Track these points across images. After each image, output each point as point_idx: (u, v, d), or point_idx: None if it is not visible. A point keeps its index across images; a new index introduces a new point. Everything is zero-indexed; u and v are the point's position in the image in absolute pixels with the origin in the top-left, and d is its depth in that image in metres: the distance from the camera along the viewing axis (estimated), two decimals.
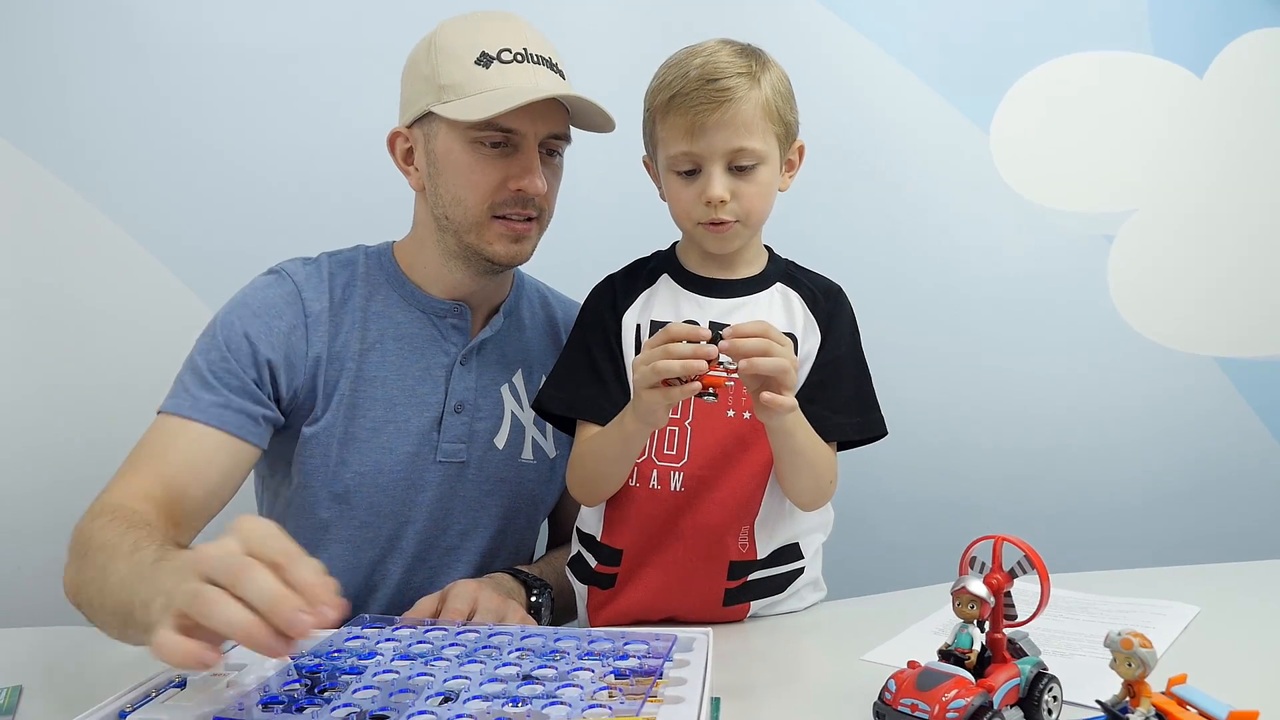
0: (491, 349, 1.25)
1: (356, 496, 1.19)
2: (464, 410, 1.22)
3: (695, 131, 1.03)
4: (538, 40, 1.16)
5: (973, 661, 0.78)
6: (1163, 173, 1.72)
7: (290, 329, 1.16)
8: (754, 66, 1.05)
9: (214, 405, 1.10)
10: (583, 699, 0.78)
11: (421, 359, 1.21)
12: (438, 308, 1.22)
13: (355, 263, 1.24)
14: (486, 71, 1.12)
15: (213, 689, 0.83)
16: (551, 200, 1.21)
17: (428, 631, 0.95)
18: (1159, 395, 1.73)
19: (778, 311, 1.12)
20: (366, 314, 1.20)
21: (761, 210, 1.09)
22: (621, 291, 1.15)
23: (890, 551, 1.59)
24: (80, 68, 1.50)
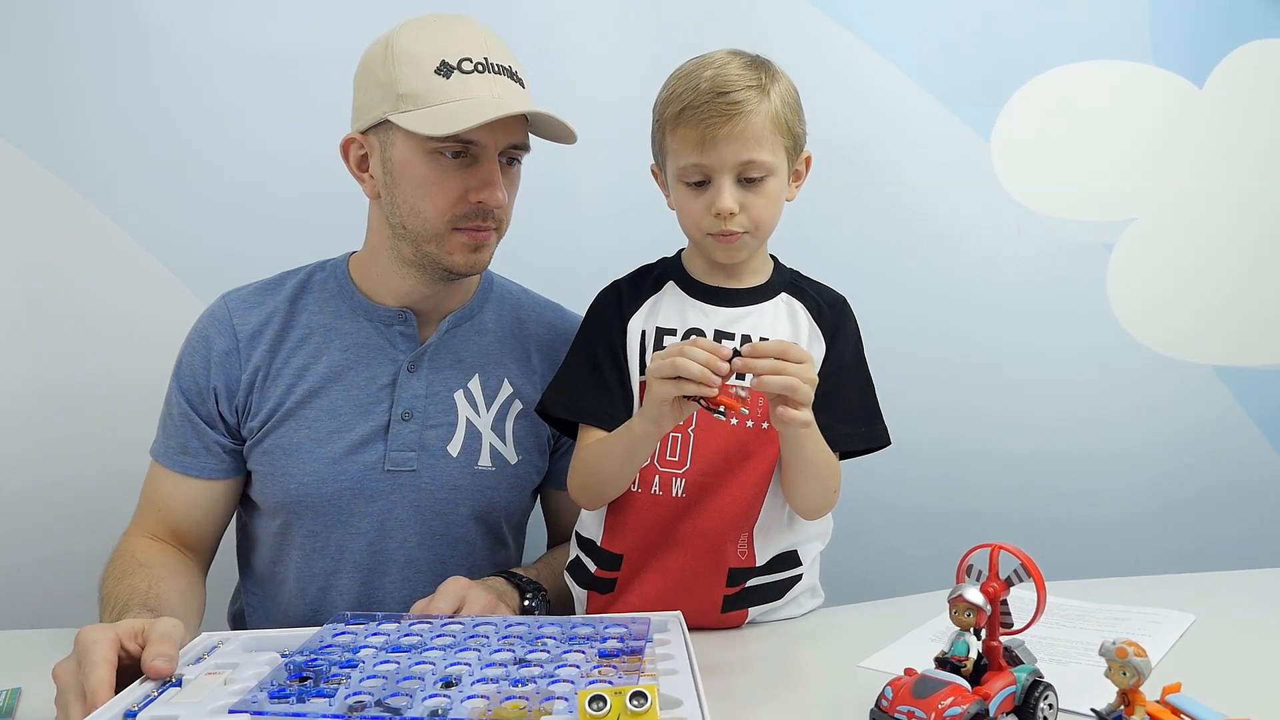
0: (445, 354, 1.24)
1: (302, 506, 1.20)
2: (413, 417, 1.21)
3: (706, 144, 1.04)
4: (498, 48, 1.15)
5: (969, 669, 0.79)
6: (1162, 182, 1.72)
7: (224, 353, 1.22)
8: (764, 79, 1.06)
9: (180, 454, 1.21)
10: (583, 676, 0.82)
11: (368, 368, 1.21)
12: (384, 315, 1.23)
13: (309, 277, 1.26)
14: (447, 82, 1.10)
15: (210, 687, 0.83)
16: (509, 209, 1.20)
17: (413, 625, 0.98)
18: (1158, 403, 1.73)
19: (783, 321, 1.13)
20: (311, 327, 1.22)
21: (770, 221, 1.10)
22: (628, 297, 1.16)
23: (887, 557, 1.60)
24: (85, 72, 1.50)
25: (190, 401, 1.22)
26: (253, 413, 1.21)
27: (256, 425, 1.21)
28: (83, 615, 1.27)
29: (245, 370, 1.21)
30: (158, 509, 1.22)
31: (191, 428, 1.22)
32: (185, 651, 0.91)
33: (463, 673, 0.84)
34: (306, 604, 1.23)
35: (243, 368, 1.21)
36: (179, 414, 1.22)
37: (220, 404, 1.21)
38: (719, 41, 1.30)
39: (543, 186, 1.62)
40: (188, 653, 0.92)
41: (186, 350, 1.24)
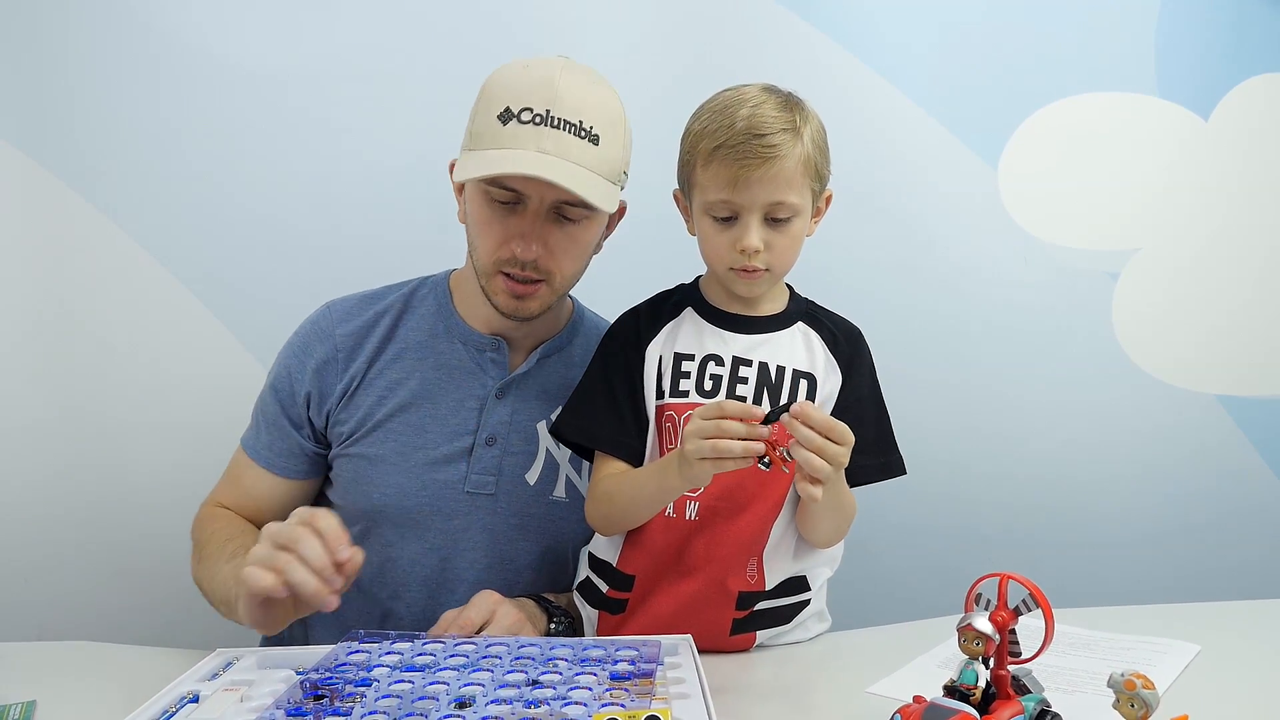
0: (531, 384, 1.26)
1: (382, 516, 1.22)
2: (496, 443, 1.23)
3: (739, 184, 1.05)
4: (573, 98, 1.12)
5: (978, 698, 0.79)
6: (1167, 212, 1.74)
7: (322, 362, 1.24)
8: (797, 121, 1.07)
9: (267, 450, 1.25)
10: (595, 699, 0.83)
11: (458, 389, 1.23)
12: (477, 341, 1.25)
13: (413, 293, 1.29)
14: (504, 129, 1.11)
15: (228, 704, 0.84)
16: (563, 263, 1.18)
17: (426, 645, 0.99)
18: (1161, 431, 1.74)
19: (799, 350, 1.14)
20: (409, 344, 1.25)
21: (790, 260, 1.12)
22: (646, 323, 1.17)
23: (892, 581, 1.60)
24: (103, 86, 1.52)
25: (282, 402, 1.25)
26: (343, 420, 1.24)
27: (345, 432, 1.24)
28: (94, 628, 1.28)
29: (341, 380, 1.24)
30: (238, 495, 1.27)
31: (279, 427, 1.24)
32: (199, 666, 0.93)
33: (476, 693, 0.85)
34: (376, 608, 1.25)
35: (339, 377, 1.24)
36: (270, 413, 1.25)
37: (311, 409, 1.24)
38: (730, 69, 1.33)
39: None
40: (202, 667, 0.93)
41: (286, 352, 1.27)
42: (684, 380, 1.12)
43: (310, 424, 1.24)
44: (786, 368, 1.12)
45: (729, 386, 1.11)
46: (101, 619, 1.41)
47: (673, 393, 1.13)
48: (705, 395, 1.11)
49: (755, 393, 1.11)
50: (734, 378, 1.12)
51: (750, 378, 1.11)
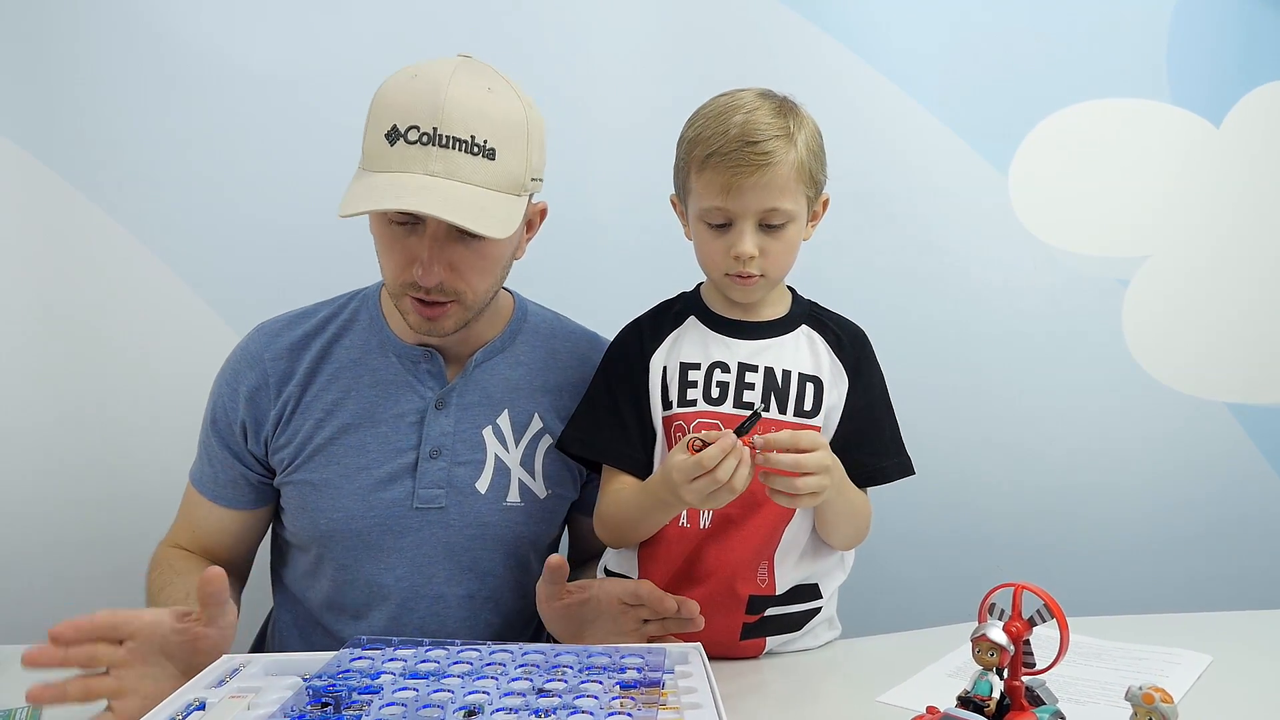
0: (471, 390, 1.22)
1: (333, 541, 1.20)
2: (441, 455, 1.19)
3: (732, 191, 1.05)
4: (461, 113, 1.04)
5: (992, 709, 0.79)
6: (1177, 219, 1.73)
7: (253, 389, 1.21)
8: (791, 127, 1.07)
9: (213, 483, 1.23)
10: (601, 708, 0.82)
11: (395, 405, 1.19)
12: (410, 353, 1.21)
13: (342, 309, 1.25)
14: (391, 150, 1.04)
15: (234, 711, 0.84)
16: (471, 280, 1.12)
17: (429, 651, 0.97)
18: (1170, 438, 1.73)
19: (804, 353, 1.14)
20: (342, 363, 1.21)
21: (786, 265, 1.12)
22: (649, 333, 1.17)
23: (899, 588, 1.60)
24: (111, 89, 1.52)
25: (221, 434, 1.22)
26: (282, 446, 1.21)
27: (286, 459, 1.21)
28: None
29: (274, 405, 1.20)
30: (193, 529, 1.26)
31: (222, 460, 1.22)
32: (205, 673, 0.92)
33: (482, 701, 0.84)
34: (339, 629, 1.23)
35: (272, 403, 1.20)
36: (211, 445, 1.23)
37: (249, 439, 1.21)
38: (737, 72, 1.32)
39: (565, 213, 1.64)
40: (208, 674, 0.92)
41: (218, 384, 1.24)
42: (691, 389, 1.12)
43: (251, 454, 1.22)
44: (792, 371, 1.12)
45: (736, 392, 1.11)
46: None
47: (680, 402, 1.12)
48: (712, 403, 1.11)
49: (763, 397, 1.11)
50: (740, 383, 1.11)
51: (757, 383, 1.11)
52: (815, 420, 1.12)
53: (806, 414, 1.12)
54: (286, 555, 1.29)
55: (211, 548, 1.25)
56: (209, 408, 1.24)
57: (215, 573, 0.94)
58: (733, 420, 1.07)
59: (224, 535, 1.25)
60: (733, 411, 1.10)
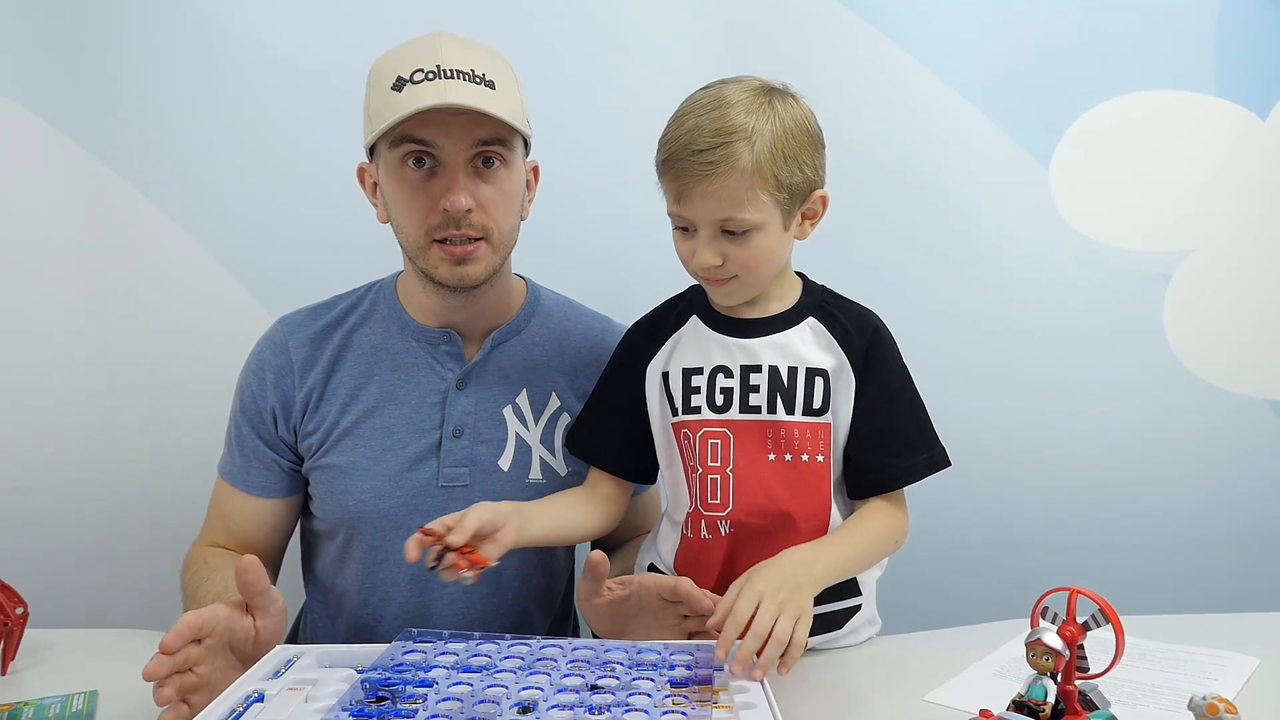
0: (491, 371, 1.26)
1: (361, 522, 1.23)
2: (463, 434, 1.23)
3: (683, 198, 1.02)
4: (457, 55, 1.12)
5: (1047, 714, 0.79)
6: (1222, 214, 1.70)
7: (278, 376, 1.25)
8: (753, 127, 1.00)
9: (243, 472, 1.27)
10: (656, 706, 0.83)
11: (417, 387, 1.24)
12: (429, 335, 1.25)
13: (361, 299, 1.29)
14: (399, 95, 1.10)
15: (293, 704, 0.85)
16: (499, 215, 1.16)
17: (480, 645, 0.99)
18: (1210, 435, 1.71)
19: (809, 346, 1.10)
20: (363, 349, 1.25)
21: (761, 268, 1.07)
22: (645, 339, 1.16)
23: (940, 586, 1.59)
24: (161, 82, 1.55)
25: (252, 423, 1.26)
26: (309, 432, 1.24)
27: (314, 444, 1.24)
28: (151, 617, 1.30)
29: (300, 391, 1.24)
30: (225, 524, 1.28)
31: (253, 449, 1.26)
32: (261, 665, 0.93)
33: (536, 698, 0.85)
34: (368, 614, 1.26)
35: (298, 389, 1.24)
36: (243, 435, 1.27)
37: (278, 425, 1.25)
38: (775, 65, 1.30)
39: (601, 211, 1.65)
40: (263, 666, 0.93)
41: (245, 374, 1.28)
42: (695, 396, 1.11)
43: (281, 441, 1.25)
44: (799, 368, 1.09)
45: (741, 397, 1.09)
46: (155, 607, 1.43)
47: (685, 409, 1.11)
48: (717, 410, 1.09)
49: (769, 399, 1.08)
50: (745, 387, 1.09)
51: (761, 385, 1.09)
52: (824, 418, 1.09)
53: (816, 412, 1.09)
54: (315, 546, 1.32)
55: (243, 540, 1.27)
56: (237, 399, 1.28)
57: (250, 561, 0.96)
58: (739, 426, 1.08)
59: (256, 526, 1.27)
60: (739, 417, 1.08)
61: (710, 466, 1.08)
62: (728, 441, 1.09)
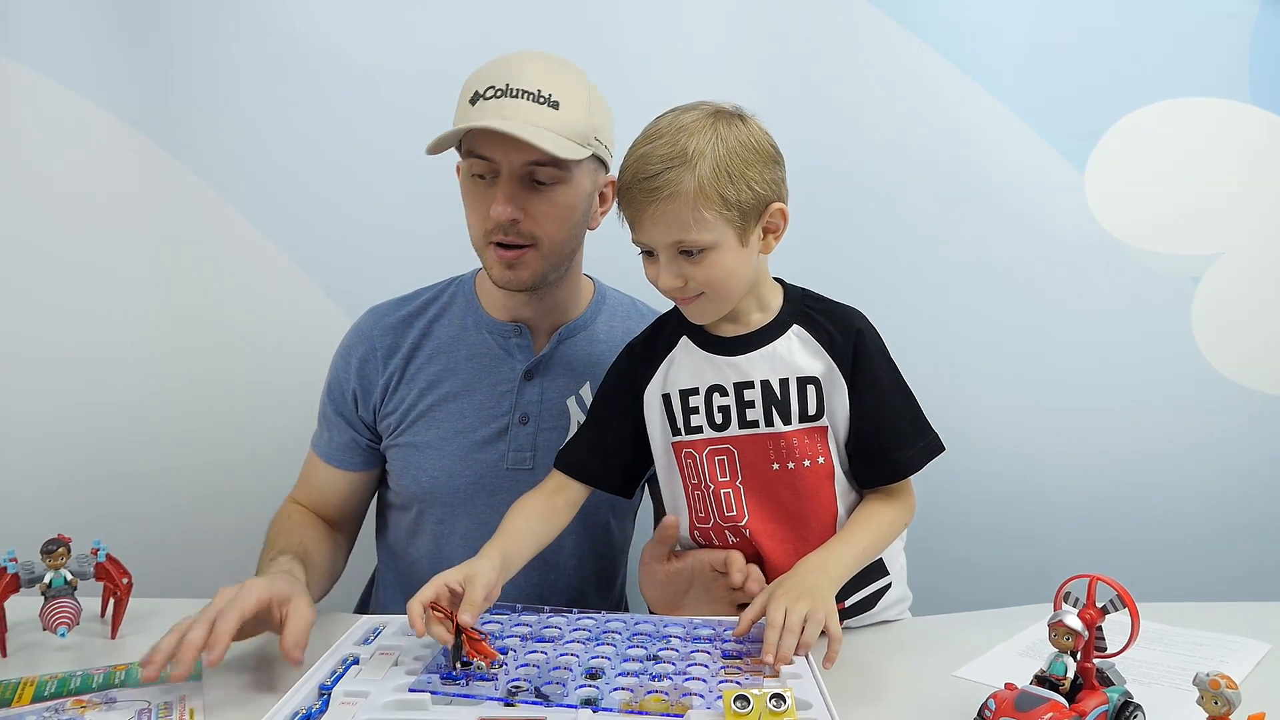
0: (558, 364, 1.36)
1: (433, 498, 1.34)
2: (529, 421, 1.33)
3: (637, 225, 1.07)
4: (532, 74, 1.20)
5: (1066, 688, 0.87)
6: (1252, 218, 1.75)
7: (362, 361, 1.37)
8: (695, 149, 1.03)
9: (327, 446, 1.39)
10: (712, 674, 0.92)
11: (489, 376, 1.34)
12: (501, 329, 1.35)
13: (442, 293, 1.40)
14: (472, 108, 1.20)
15: (385, 667, 0.95)
16: (545, 226, 1.23)
17: (550, 618, 1.09)
18: (1235, 433, 1.76)
19: (797, 355, 1.13)
20: (443, 340, 1.36)
21: (724, 286, 1.09)
22: (641, 362, 1.19)
23: (970, 572, 1.67)
24: (237, 84, 1.64)
25: (335, 402, 1.38)
26: (389, 413, 1.35)
27: (392, 424, 1.35)
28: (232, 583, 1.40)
29: (381, 376, 1.36)
30: (309, 489, 1.41)
31: (336, 426, 1.38)
32: (352, 632, 1.04)
33: (604, 665, 0.95)
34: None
35: (379, 373, 1.36)
36: (328, 413, 1.39)
37: (359, 406, 1.36)
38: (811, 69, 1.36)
39: None
40: (354, 634, 1.04)
41: (335, 358, 1.41)
42: (694, 416, 1.15)
43: (361, 420, 1.37)
44: (790, 379, 1.12)
45: (739, 413, 1.13)
46: (236, 580, 1.54)
47: (688, 430, 1.15)
48: (717, 429, 1.13)
49: (765, 412, 1.12)
50: (741, 403, 1.13)
51: (756, 400, 1.13)
52: (820, 422, 1.13)
53: (811, 418, 1.13)
54: (389, 519, 1.43)
55: (324, 505, 1.39)
56: (326, 381, 1.40)
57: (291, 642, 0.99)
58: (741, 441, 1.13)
59: (334, 494, 1.39)
60: (740, 433, 1.13)
61: (721, 482, 1.14)
62: (733, 457, 1.14)
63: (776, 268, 1.28)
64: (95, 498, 1.59)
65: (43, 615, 1.10)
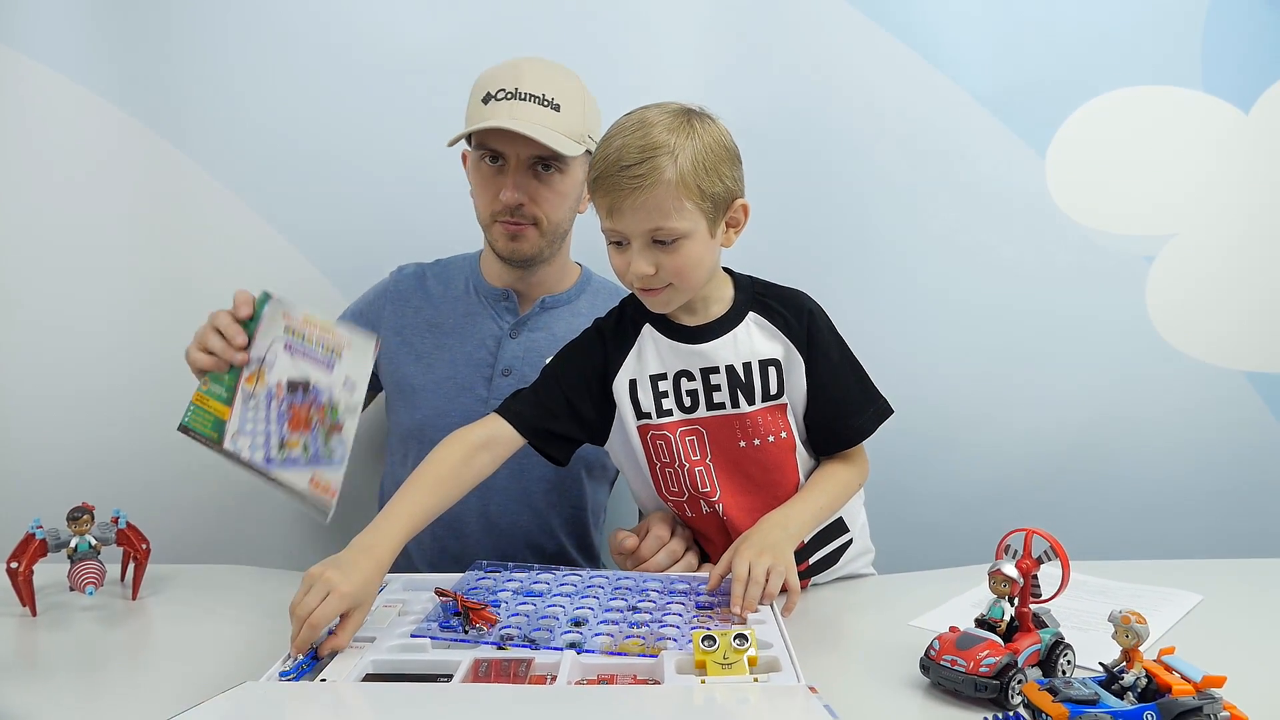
0: (539, 327, 1.52)
1: (423, 435, 1.47)
2: (511, 374, 1.49)
3: (615, 212, 1.11)
4: (536, 79, 1.39)
5: (1003, 630, 0.96)
6: (1204, 200, 1.83)
7: (378, 294, 1.60)
8: (674, 143, 1.09)
9: None
10: (686, 622, 1.01)
11: (478, 330, 1.52)
12: (493, 293, 1.55)
13: (451, 264, 1.59)
14: (484, 107, 1.39)
15: (390, 617, 1.04)
16: (548, 209, 1.43)
17: (539, 574, 1.19)
18: (1190, 405, 1.85)
19: (757, 341, 1.21)
20: (445, 297, 1.54)
21: (691, 275, 1.15)
22: (612, 345, 1.25)
23: (934, 533, 1.76)
24: (231, 70, 1.71)
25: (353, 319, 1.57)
26: (397, 349, 1.52)
27: (396, 360, 1.52)
28: (241, 551, 1.50)
29: (389, 319, 1.55)
30: None
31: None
32: None
33: (588, 615, 1.04)
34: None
35: (388, 317, 1.56)
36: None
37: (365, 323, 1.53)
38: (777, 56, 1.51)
39: None
40: None
41: (359, 299, 1.62)
42: (665, 400, 1.22)
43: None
44: (752, 362, 1.20)
45: (706, 396, 1.21)
46: (245, 547, 1.63)
47: (659, 413, 1.22)
48: (686, 411, 1.21)
49: (730, 395, 1.20)
50: (708, 386, 1.21)
51: (722, 384, 1.20)
52: (781, 400, 1.21)
53: (773, 397, 1.21)
54: (384, 463, 1.60)
55: None
56: (346, 311, 1.59)
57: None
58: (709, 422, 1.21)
59: None
60: (708, 414, 1.21)
61: (694, 460, 1.22)
62: (702, 437, 1.22)
63: (756, 250, 1.37)
64: (115, 470, 1.67)
65: (71, 576, 1.19)
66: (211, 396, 1.24)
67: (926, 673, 0.95)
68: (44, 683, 1.00)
